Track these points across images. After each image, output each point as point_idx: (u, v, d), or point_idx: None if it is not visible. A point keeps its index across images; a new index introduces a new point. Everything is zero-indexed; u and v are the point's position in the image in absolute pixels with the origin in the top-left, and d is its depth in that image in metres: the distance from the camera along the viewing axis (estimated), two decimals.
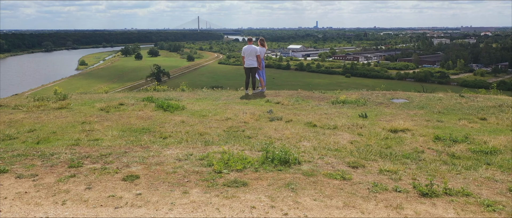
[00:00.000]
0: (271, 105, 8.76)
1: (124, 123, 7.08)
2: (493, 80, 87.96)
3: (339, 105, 8.73)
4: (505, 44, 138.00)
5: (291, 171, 4.70)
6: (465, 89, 11.06)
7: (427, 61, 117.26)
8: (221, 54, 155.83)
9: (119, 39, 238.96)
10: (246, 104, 8.85)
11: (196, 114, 7.77)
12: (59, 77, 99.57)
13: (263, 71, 10.87)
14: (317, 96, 9.78)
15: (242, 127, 6.82)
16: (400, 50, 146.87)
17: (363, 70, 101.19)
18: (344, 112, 8.01)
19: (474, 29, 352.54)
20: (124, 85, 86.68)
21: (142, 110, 8.07)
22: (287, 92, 10.39)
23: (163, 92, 10.72)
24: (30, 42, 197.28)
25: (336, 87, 57.48)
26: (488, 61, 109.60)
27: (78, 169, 4.77)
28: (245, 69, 10.75)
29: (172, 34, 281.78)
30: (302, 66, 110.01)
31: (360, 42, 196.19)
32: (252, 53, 10.46)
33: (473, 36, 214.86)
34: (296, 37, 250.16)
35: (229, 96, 9.93)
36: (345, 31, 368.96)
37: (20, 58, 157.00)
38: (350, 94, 9.83)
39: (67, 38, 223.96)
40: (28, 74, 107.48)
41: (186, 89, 11.18)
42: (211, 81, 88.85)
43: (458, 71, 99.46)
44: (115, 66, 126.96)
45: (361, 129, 6.67)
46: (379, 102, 9.04)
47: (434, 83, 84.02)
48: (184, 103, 8.89)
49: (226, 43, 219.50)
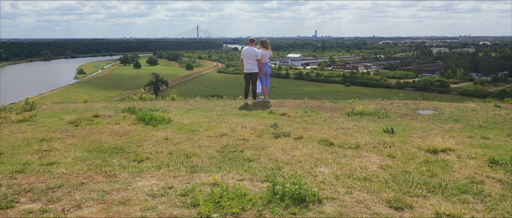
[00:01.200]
0: (276, 117, 7.35)
1: (93, 141, 5.66)
2: (494, 89, 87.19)
3: (356, 117, 7.33)
4: (504, 53, 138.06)
5: (311, 215, 3.29)
6: (489, 98, 9.66)
7: (427, 70, 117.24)
8: (220, 63, 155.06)
9: (118, 48, 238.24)
10: (245, 116, 7.44)
11: (184, 129, 6.35)
12: (57, 85, 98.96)
13: (266, 79, 9.46)
14: (328, 106, 8.36)
15: (240, 145, 5.41)
16: (399, 59, 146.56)
17: (362, 79, 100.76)
18: (364, 126, 6.62)
19: (472, 38, 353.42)
20: (122, 93, 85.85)
21: (119, 124, 6.65)
22: (293, 102, 8.95)
23: (149, 102, 9.30)
24: (29, 50, 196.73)
25: (336, 96, 56.07)
26: (487, 70, 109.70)
27: (5, 213, 3.35)
28: (244, 74, 9.40)
29: (171, 43, 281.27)
30: (301, 75, 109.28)
31: (359, 51, 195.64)
32: (251, 56, 9.10)
33: (471, 45, 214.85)
34: (295, 46, 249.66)
35: (226, 107, 8.51)
36: (344, 40, 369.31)
37: (18, 67, 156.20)
38: (367, 104, 8.43)
39: (65, 47, 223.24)
40: (26, 82, 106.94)
41: (176, 98, 9.77)
42: (210, 89, 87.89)
43: (458, 80, 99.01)
44: (113, 75, 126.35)
45: (390, 149, 5.26)
46: (402, 113, 7.64)
47: (434, 92, 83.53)
48: (171, 114, 7.49)
49: (225, 52, 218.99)
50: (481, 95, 79.91)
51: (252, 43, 9.27)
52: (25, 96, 40.24)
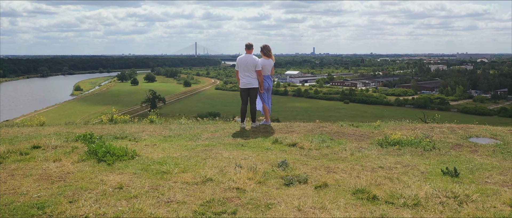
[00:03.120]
0: (283, 149, 5.35)
1: (6, 191, 3.67)
2: (494, 106, 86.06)
3: (393, 149, 5.36)
4: (502, 71, 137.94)
5: None
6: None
7: (426, 87, 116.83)
8: (218, 79, 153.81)
9: (116, 64, 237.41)
10: (241, 148, 5.43)
11: (152, 169, 4.35)
12: (53, 102, 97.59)
13: (268, 96, 7.40)
14: (350, 132, 6.37)
15: (231, 201, 3.43)
16: (398, 76, 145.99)
17: (361, 96, 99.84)
18: (411, 164, 4.65)
19: (470, 55, 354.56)
20: (119, 110, 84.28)
21: (59, 161, 4.64)
22: (303, 126, 6.91)
23: (119, 125, 7.29)
24: (26, 67, 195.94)
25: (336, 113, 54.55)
26: (486, 87, 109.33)
27: None
28: (240, 91, 7.42)
29: (169, 60, 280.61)
30: (300, 92, 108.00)
31: (357, 68, 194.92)
32: (249, 67, 7.05)
33: (469, 62, 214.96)
34: (294, 62, 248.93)
35: (216, 132, 6.51)
36: (342, 57, 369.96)
37: (15, 83, 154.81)
38: (400, 129, 6.48)
39: (63, 63, 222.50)
40: (22, 99, 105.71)
41: (156, 120, 7.78)
42: (207, 106, 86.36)
43: (457, 98, 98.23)
44: (110, 91, 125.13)
45: (469, 208, 3.29)
46: (453, 143, 5.69)
47: (434, 109, 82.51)
48: (140, 145, 5.51)
49: (223, 68, 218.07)
50: (482, 113, 78.85)
51: (249, 50, 7.21)
52: (21, 113, 37.66)
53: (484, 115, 75.94)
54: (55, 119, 64.39)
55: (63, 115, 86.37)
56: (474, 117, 71.93)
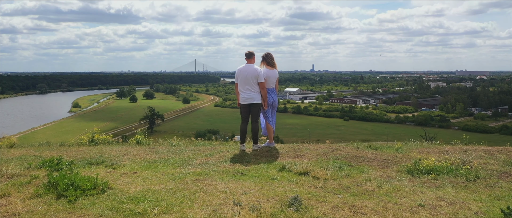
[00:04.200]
0: (293, 179, 4.31)
1: None
2: (495, 124, 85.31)
3: (427, 178, 4.36)
4: (502, 88, 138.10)
5: None
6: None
7: (426, 105, 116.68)
8: (217, 96, 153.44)
9: (115, 81, 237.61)
10: (241, 178, 4.42)
11: (124, 210, 3.33)
12: (50, 119, 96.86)
13: (273, 113, 6.39)
14: (370, 156, 5.37)
15: None
16: (398, 93, 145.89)
17: (361, 114, 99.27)
18: (455, 200, 3.65)
19: (469, 73, 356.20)
20: (117, 127, 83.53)
21: (8, 196, 3.63)
22: (314, 148, 5.90)
23: (98, 147, 6.28)
24: (25, 84, 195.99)
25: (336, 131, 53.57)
26: (487, 104, 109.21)
27: None
28: (240, 107, 6.41)
29: (169, 77, 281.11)
30: (300, 109, 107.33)
31: (356, 85, 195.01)
32: (250, 79, 6.08)
33: (469, 79, 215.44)
34: (293, 79, 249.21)
35: (211, 156, 5.51)
36: (341, 74, 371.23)
37: (13, 100, 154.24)
38: (427, 152, 5.49)
39: (62, 80, 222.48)
40: (20, 116, 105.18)
41: (143, 141, 6.77)
42: (206, 124, 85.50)
43: (458, 115, 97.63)
44: (109, 108, 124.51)
45: None
46: (497, 170, 4.69)
47: (434, 127, 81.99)
48: (117, 173, 4.50)
49: (222, 85, 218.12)
50: (483, 131, 77.91)
51: (250, 59, 6.24)
52: (18, 130, 36.26)
53: (486, 133, 74.92)
54: (52, 136, 63.44)
55: (60, 132, 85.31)
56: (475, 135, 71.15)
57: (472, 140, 6.61)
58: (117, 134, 71.11)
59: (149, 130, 78.60)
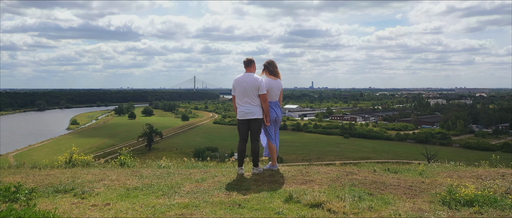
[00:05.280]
0: (303, 214, 3.51)
1: None
2: (496, 141, 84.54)
3: (469, 211, 3.60)
4: (502, 105, 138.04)
5: None
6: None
7: (426, 122, 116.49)
8: (216, 113, 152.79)
9: (114, 98, 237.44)
10: (238, 211, 3.60)
11: None
12: (48, 136, 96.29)
13: (276, 130, 5.52)
14: (391, 181, 4.56)
15: None
16: (397, 110, 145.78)
17: (362, 131, 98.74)
18: None
19: (468, 90, 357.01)
20: (115, 145, 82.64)
21: None
22: (324, 172, 5.07)
23: (73, 170, 5.46)
24: (23, 101, 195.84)
25: (336, 148, 52.59)
26: (487, 122, 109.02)
27: None
28: (238, 123, 5.55)
29: (168, 94, 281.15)
30: (299, 126, 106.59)
31: (356, 102, 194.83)
32: (249, 90, 5.27)
33: (468, 97, 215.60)
34: (292, 96, 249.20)
35: (203, 182, 4.68)
36: (340, 91, 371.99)
37: (11, 117, 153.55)
38: (457, 176, 4.67)
39: (61, 97, 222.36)
40: (17, 133, 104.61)
41: (128, 162, 5.93)
42: (205, 141, 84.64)
43: (458, 132, 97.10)
44: (107, 125, 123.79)
45: None
46: None
47: (435, 144, 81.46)
48: (85, 205, 3.72)
49: (221, 102, 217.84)
50: (485, 148, 77.01)
51: (249, 68, 5.41)
52: (15, 148, 35.15)
53: (487, 151, 74.10)
54: (49, 154, 62.37)
55: (57, 150, 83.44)
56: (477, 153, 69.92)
57: (472, 157, 5.78)
58: (114, 152, 70.14)
59: (148, 148, 77.56)
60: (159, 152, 75.71)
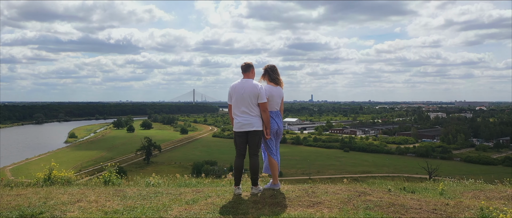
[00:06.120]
0: None
1: None
2: (497, 155, 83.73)
3: None
4: (502, 119, 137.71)
5: None
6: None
7: (426, 135, 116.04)
8: (215, 127, 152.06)
9: (112, 111, 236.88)
10: None
11: None
12: (45, 150, 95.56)
13: (277, 144, 4.89)
14: (410, 203, 3.97)
15: None
16: (397, 123, 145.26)
17: (362, 145, 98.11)
18: None
19: (468, 103, 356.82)
20: (112, 159, 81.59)
21: None
22: (333, 192, 4.44)
23: (47, 189, 4.84)
24: (22, 114, 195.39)
25: (336, 162, 51.77)
26: (488, 135, 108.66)
27: None
28: (234, 136, 4.94)
29: (167, 107, 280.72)
30: (299, 140, 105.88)
31: (356, 116, 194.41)
32: (246, 99, 4.69)
33: (468, 110, 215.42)
34: (292, 110, 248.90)
35: (194, 204, 4.08)
36: (340, 105, 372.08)
37: (8, 130, 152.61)
38: (484, 196, 4.08)
39: (59, 110, 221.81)
40: (14, 146, 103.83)
41: (113, 179, 5.33)
42: (204, 154, 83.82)
43: (459, 146, 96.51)
44: (105, 139, 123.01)
45: None
46: None
47: (436, 158, 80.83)
48: None
49: (221, 115, 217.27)
50: (486, 162, 76.16)
51: (247, 73, 4.83)
52: (11, 161, 34.27)
53: (489, 165, 73.30)
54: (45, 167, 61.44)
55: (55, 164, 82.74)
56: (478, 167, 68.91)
57: (474, 171, 5.15)
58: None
59: (146, 161, 76.62)
60: (157, 166, 74.76)
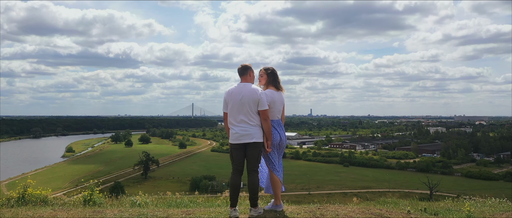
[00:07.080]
0: None
1: None
2: (498, 170, 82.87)
3: None
4: (502, 133, 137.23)
5: None
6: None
7: (426, 150, 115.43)
8: (214, 141, 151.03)
9: (111, 125, 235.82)
10: None
11: None
12: (42, 164, 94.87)
13: (279, 158, 4.25)
14: None
15: None
16: (397, 138, 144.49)
17: (361, 159, 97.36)
18: None
19: (467, 118, 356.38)
20: (110, 173, 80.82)
21: None
22: (345, 215, 3.84)
23: (15, 210, 4.23)
24: (19, 128, 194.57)
25: (336, 177, 50.94)
26: (488, 150, 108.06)
27: None
28: (230, 148, 4.30)
29: (166, 121, 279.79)
30: (298, 155, 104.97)
31: (355, 130, 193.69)
32: (245, 105, 4.09)
33: (468, 125, 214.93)
34: (291, 124, 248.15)
35: None
36: (339, 119, 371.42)
37: (5, 144, 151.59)
38: None
39: (57, 124, 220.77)
40: (11, 161, 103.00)
41: (95, 199, 4.72)
42: (202, 169, 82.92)
43: (459, 161, 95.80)
44: (103, 153, 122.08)
45: None
46: None
47: (437, 173, 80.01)
48: None
49: (220, 130, 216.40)
50: (487, 177, 75.16)
51: (246, 77, 4.25)
52: (8, 176, 33.43)
53: (490, 180, 72.32)
54: (43, 182, 60.41)
55: (51, 178, 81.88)
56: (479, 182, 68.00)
57: (476, 187, 4.55)
58: (109, 180, 68.06)
59: (144, 176, 75.47)
60: (155, 181, 73.63)
